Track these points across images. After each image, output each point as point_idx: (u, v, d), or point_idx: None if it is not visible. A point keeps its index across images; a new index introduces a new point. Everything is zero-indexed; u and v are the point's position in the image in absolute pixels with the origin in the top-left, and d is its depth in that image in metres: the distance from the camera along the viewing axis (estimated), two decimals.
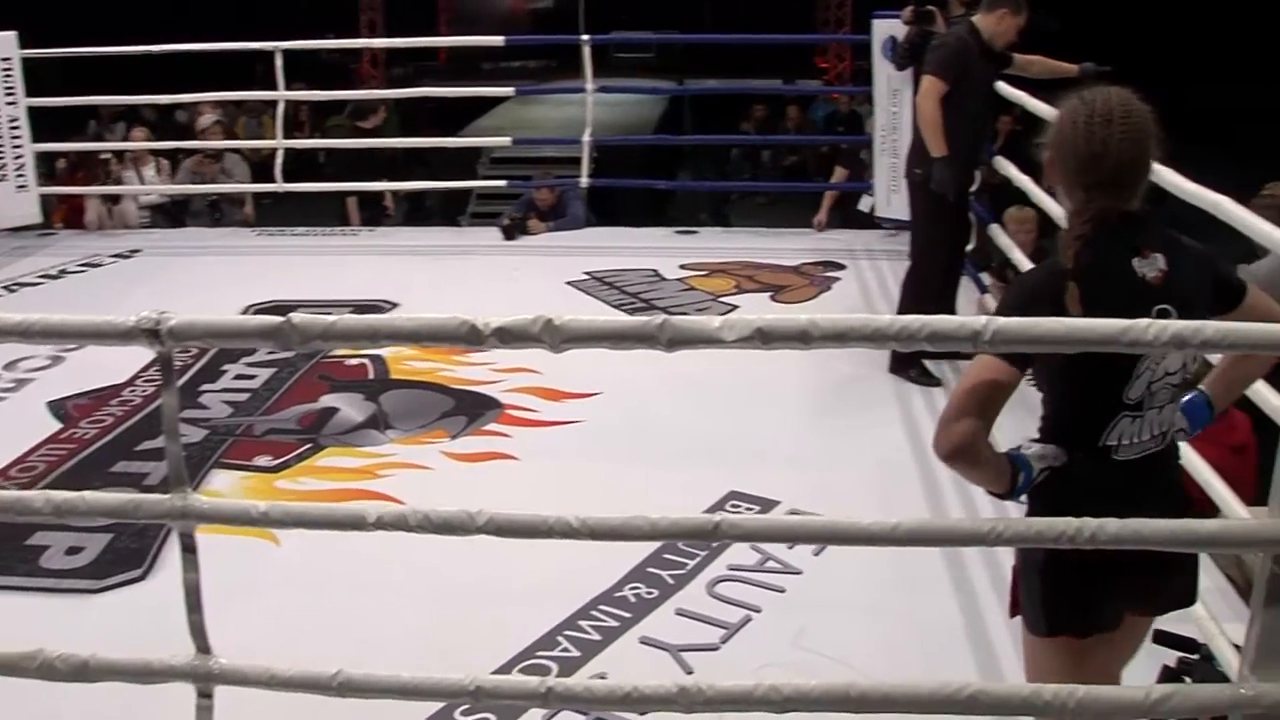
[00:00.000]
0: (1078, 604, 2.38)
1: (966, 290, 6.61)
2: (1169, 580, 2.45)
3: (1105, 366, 2.25)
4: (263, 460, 4.98)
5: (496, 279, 7.48)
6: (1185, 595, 2.50)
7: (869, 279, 7.43)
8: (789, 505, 4.52)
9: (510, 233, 8.32)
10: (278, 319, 2.15)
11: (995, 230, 6.48)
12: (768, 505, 4.53)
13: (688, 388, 5.70)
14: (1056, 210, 5.44)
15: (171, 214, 9.34)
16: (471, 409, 5.45)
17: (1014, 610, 2.53)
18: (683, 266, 7.61)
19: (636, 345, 2.20)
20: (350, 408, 5.47)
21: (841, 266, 7.66)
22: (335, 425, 5.31)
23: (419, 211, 10.60)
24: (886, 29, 7.56)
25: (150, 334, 2.21)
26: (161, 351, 2.31)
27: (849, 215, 8.75)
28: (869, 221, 8.32)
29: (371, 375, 5.87)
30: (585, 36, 8.18)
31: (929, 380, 5.73)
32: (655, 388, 5.67)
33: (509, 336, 2.12)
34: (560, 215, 8.57)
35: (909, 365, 5.80)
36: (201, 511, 2.31)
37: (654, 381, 5.75)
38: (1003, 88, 6.14)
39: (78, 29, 9.36)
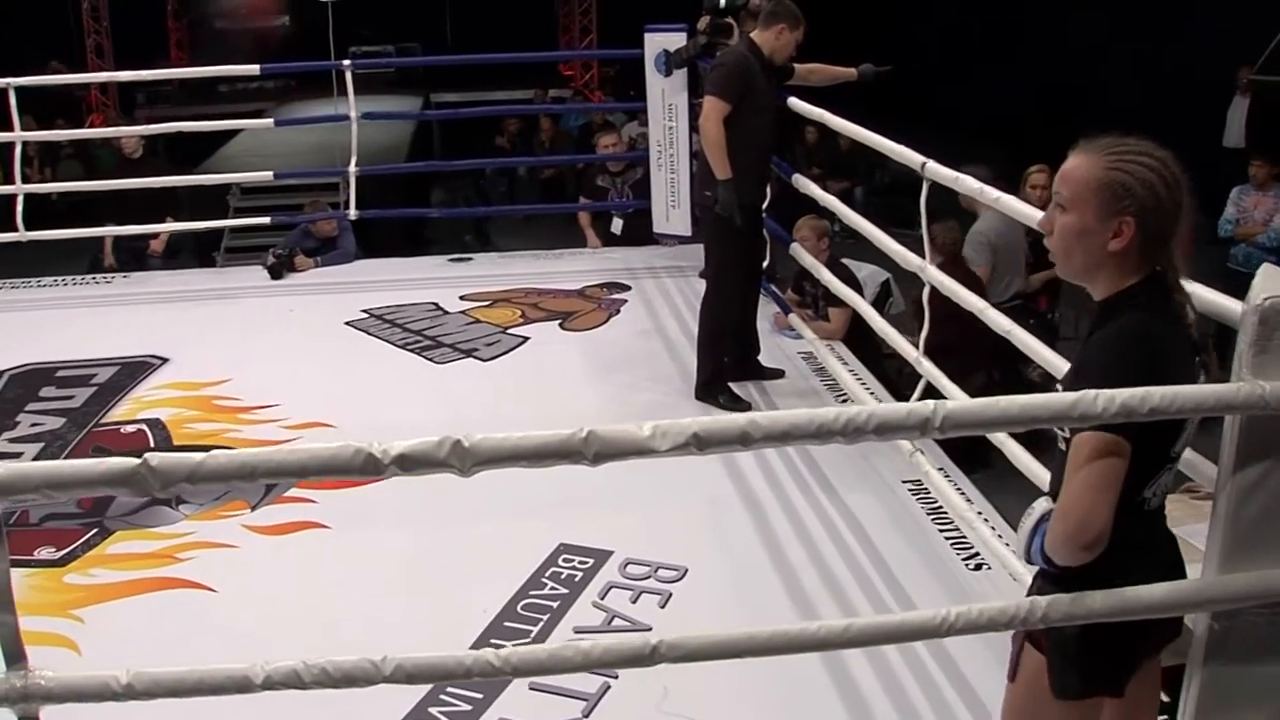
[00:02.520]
0: (1114, 659, 2.30)
1: (767, 307, 6.61)
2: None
3: (1165, 422, 2.16)
4: (46, 553, 4.53)
5: (271, 324, 7.09)
6: (1177, 627, 2.46)
7: (655, 298, 7.35)
8: (623, 555, 4.38)
9: (277, 271, 7.90)
10: (132, 462, 1.86)
11: (797, 250, 6.43)
12: (601, 557, 4.37)
13: (496, 426, 5.48)
14: (861, 222, 5.46)
15: None
16: None
17: (1013, 675, 2.43)
18: (463, 298, 7.37)
19: (558, 462, 1.98)
20: None
21: (626, 287, 7.55)
22: (121, 504, 4.88)
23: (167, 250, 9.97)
24: (660, 42, 7.49)
25: None
26: None
27: (607, 235, 8.62)
28: (647, 238, 8.24)
29: (153, 443, 5.44)
30: (347, 61, 7.82)
31: (738, 406, 5.66)
32: (457, 433, 5.43)
33: (412, 463, 1.88)
34: (329, 249, 8.21)
35: (717, 392, 5.73)
36: (48, 691, 1.98)
37: (454, 425, 5.49)
38: (804, 106, 6.07)
39: None
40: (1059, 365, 3.64)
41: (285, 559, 4.47)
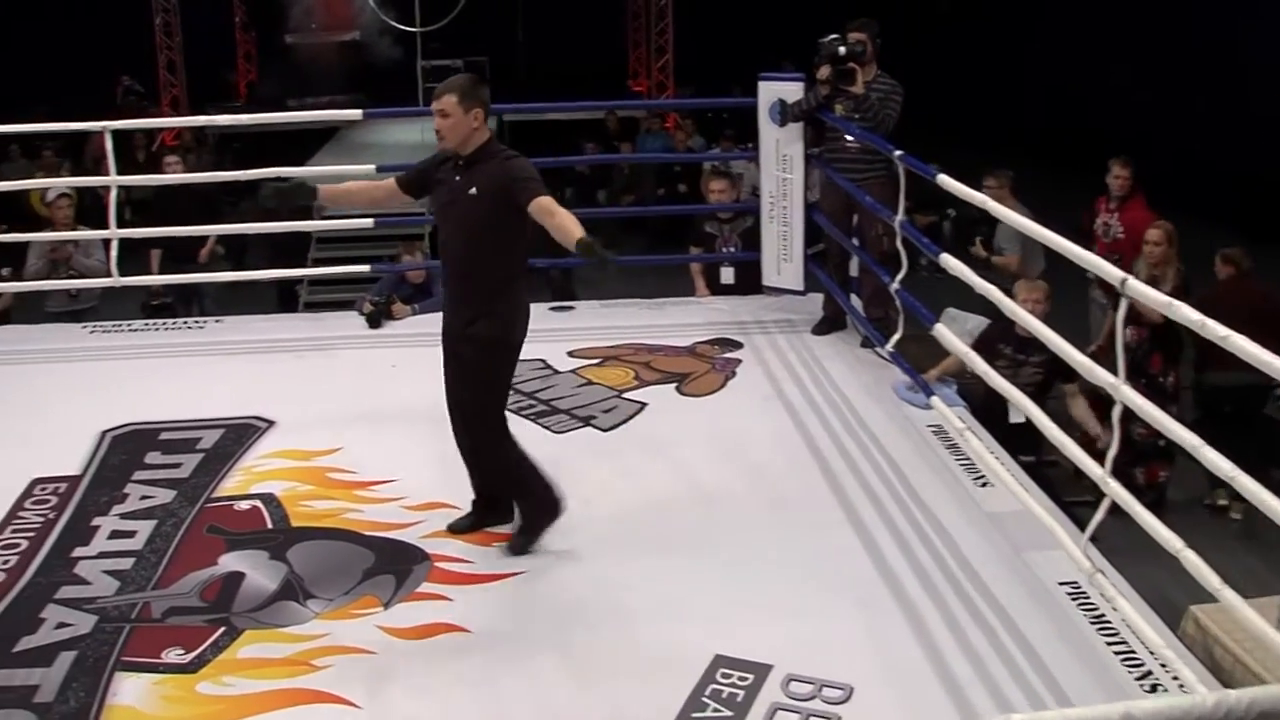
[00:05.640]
0: None
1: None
2: None
3: None
4: (174, 655, 4.29)
5: (374, 381, 6.84)
6: None
7: (770, 358, 7.09)
8: (783, 671, 4.13)
9: (375, 320, 7.68)
10: None
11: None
12: (761, 672, 4.13)
13: (628, 514, 5.27)
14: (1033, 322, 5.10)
15: None
16: (395, 564, 4.88)
17: None
18: (571, 354, 7.12)
19: None
20: (258, 572, 4.83)
21: (738, 344, 7.29)
22: (246, 598, 4.66)
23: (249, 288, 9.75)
24: (775, 91, 7.27)
25: None
26: None
27: (716, 284, 8.35)
28: (756, 287, 8.00)
29: (270, 523, 5.24)
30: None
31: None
32: (595, 521, 5.19)
33: None
34: (425, 295, 7.98)
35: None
36: None
37: (590, 511, 5.25)
38: (959, 186, 5.63)
39: None
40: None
41: (428, 668, 4.24)
